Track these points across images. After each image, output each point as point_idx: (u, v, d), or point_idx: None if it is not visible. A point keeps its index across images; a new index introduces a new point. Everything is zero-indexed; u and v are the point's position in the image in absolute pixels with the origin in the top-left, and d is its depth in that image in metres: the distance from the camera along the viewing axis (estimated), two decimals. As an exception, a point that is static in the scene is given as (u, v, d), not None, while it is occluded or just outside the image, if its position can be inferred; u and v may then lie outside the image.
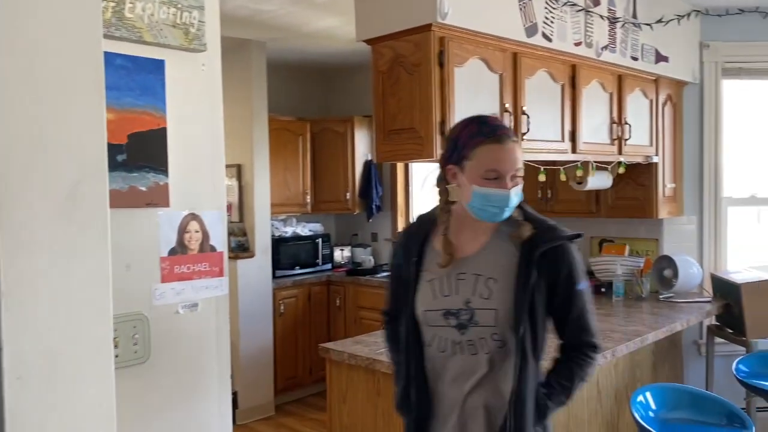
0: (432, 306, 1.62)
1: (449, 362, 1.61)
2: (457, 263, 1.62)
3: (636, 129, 3.47)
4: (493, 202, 1.57)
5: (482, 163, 1.56)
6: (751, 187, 4.25)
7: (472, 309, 1.58)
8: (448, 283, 1.62)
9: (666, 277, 3.79)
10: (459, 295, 1.60)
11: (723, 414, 2.47)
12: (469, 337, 1.58)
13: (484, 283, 1.59)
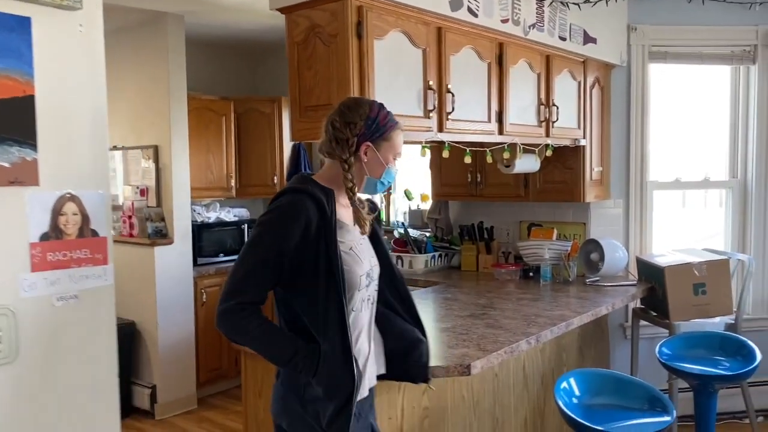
0: (361, 271, 1.79)
1: (361, 319, 1.82)
2: (354, 230, 1.83)
3: (564, 111, 3.42)
4: (390, 179, 1.86)
5: (395, 145, 1.82)
6: (676, 171, 4.30)
7: (372, 267, 1.85)
8: (360, 248, 1.83)
9: (593, 261, 3.78)
10: (366, 258, 1.84)
11: (645, 398, 2.44)
12: (370, 293, 1.86)
13: (368, 245, 1.89)
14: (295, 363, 1.69)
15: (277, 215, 1.70)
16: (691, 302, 3.52)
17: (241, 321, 1.67)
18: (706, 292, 3.52)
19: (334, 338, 1.68)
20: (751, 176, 4.12)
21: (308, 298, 1.71)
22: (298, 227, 1.67)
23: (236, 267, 1.70)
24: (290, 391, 1.77)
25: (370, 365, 1.86)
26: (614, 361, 4.04)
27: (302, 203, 1.69)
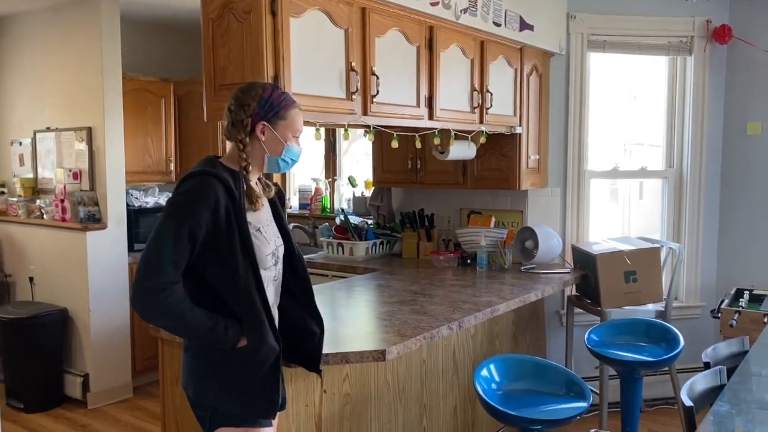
0: (268, 250, 1.87)
1: (268, 296, 1.87)
2: (261, 211, 1.90)
3: (499, 98, 3.40)
4: (294, 156, 1.92)
5: (294, 123, 1.88)
6: (613, 160, 4.34)
7: (278, 247, 1.93)
8: (267, 229, 1.90)
9: (527, 248, 3.79)
10: (272, 238, 1.92)
11: (563, 383, 2.45)
12: (277, 271, 1.94)
13: (274, 226, 1.96)
14: (219, 336, 1.78)
15: (186, 197, 1.74)
16: (623, 290, 3.56)
17: (159, 301, 1.71)
18: (637, 279, 3.57)
19: (258, 310, 1.79)
20: (686, 166, 4.19)
21: (228, 276, 1.78)
22: (207, 208, 1.72)
23: (148, 248, 1.73)
24: (203, 363, 1.87)
25: None
26: (550, 347, 4.08)
27: (210, 185, 1.75)
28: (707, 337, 3.94)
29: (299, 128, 1.90)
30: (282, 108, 1.85)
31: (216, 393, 1.86)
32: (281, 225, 2.00)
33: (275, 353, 1.84)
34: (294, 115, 1.87)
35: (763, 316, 3.39)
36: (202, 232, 1.72)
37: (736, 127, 4.14)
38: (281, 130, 1.86)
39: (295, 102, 1.89)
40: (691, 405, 1.92)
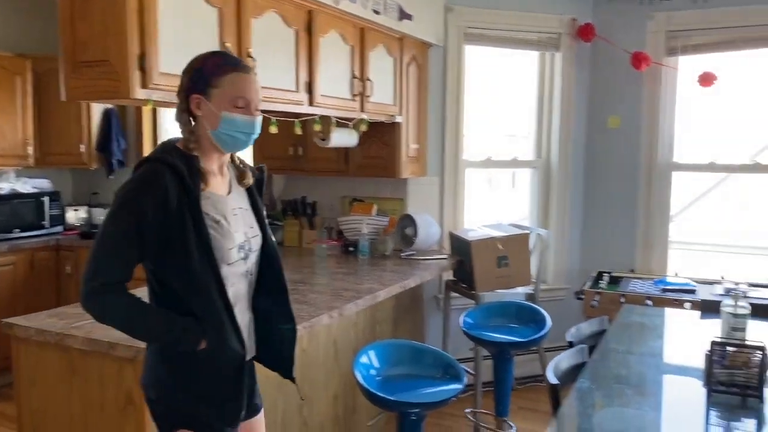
0: (231, 244, 1.70)
1: (238, 294, 1.75)
2: (226, 200, 1.73)
3: (379, 87, 3.42)
4: (242, 128, 1.66)
5: (231, 90, 1.64)
6: (488, 151, 4.50)
7: (250, 238, 1.76)
8: (231, 220, 1.72)
9: (407, 236, 3.86)
10: (240, 230, 1.74)
11: (440, 366, 2.51)
12: (249, 266, 1.77)
13: (249, 215, 1.80)
14: (176, 337, 1.65)
15: (132, 188, 1.61)
16: (495, 274, 3.72)
17: (109, 301, 1.61)
18: (508, 264, 3.73)
19: (218, 310, 1.66)
20: (553, 157, 4.43)
21: (183, 273, 1.63)
22: (154, 200, 1.58)
23: (96, 244, 1.61)
24: (163, 363, 1.72)
25: (248, 337, 1.83)
26: (429, 331, 4.18)
27: (158, 174, 1.60)
28: (573, 318, 4.19)
29: (241, 94, 1.64)
30: (214, 75, 1.63)
31: (177, 394, 1.72)
32: (259, 214, 1.84)
33: (238, 357, 1.71)
34: (231, 81, 1.63)
35: (620, 296, 3.67)
36: (150, 225, 1.57)
37: (599, 120, 4.44)
38: (216, 100, 1.63)
39: (238, 66, 1.67)
40: (556, 383, 2.03)
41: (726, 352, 2.09)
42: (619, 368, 2.37)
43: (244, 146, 1.71)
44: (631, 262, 4.40)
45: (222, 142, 1.67)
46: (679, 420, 1.95)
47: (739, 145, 4.28)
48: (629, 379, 2.27)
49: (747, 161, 4.17)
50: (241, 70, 1.66)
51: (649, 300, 3.56)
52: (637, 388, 2.19)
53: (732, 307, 2.31)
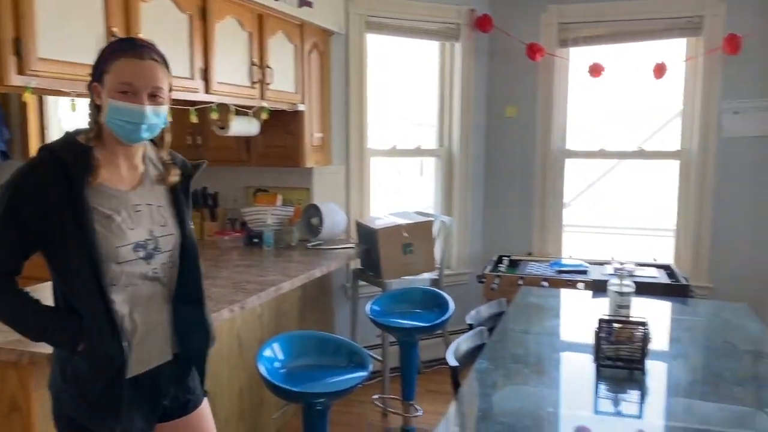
0: (123, 242, 1.60)
1: (135, 295, 1.65)
2: (128, 195, 1.64)
3: (280, 74, 3.36)
4: (128, 117, 1.57)
5: (118, 76, 1.56)
6: (393, 139, 4.54)
7: (157, 237, 1.67)
8: (129, 216, 1.63)
9: (313, 225, 3.84)
10: (142, 227, 1.65)
11: (345, 354, 2.52)
12: (154, 266, 1.67)
13: (157, 212, 1.69)
14: (48, 337, 1.61)
15: (12, 179, 1.55)
16: (401, 261, 3.77)
17: None
18: (413, 251, 3.79)
19: (95, 311, 1.57)
20: (455, 145, 4.53)
21: (63, 269, 1.58)
22: (32, 191, 1.53)
23: None
24: (56, 362, 1.67)
25: (152, 341, 1.71)
26: (337, 320, 4.19)
27: (41, 164, 1.55)
28: (475, 301, 4.30)
29: (126, 80, 1.55)
30: (107, 61, 1.56)
31: (63, 395, 1.65)
32: (180, 212, 1.74)
33: (114, 364, 1.59)
34: (119, 67, 1.55)
35: (518, 278, 3.82)
36: (27, 217, 1.52)
37: (497, 109, 4.58)
38: (108, 86, 1.56)
39: (129, 51, 1.57)
40: (456, 365, 2.09)
41: (612, 329, 2.22)
42: (516, 348, 2.48)
43: (135, 136, 1.60)
44: (529, 246, 4.58)
45: (115, 132, 1.59)
46: (572, 394, 2.06)
47: (627, 133, 4.55)
48: (526, 357, 2.37)
49: (634, 148, 4.42)
50: (132, 54, 1.56)
51: (545, 281, 3.72)
52: (534, 366, 2.29)
53: (618, 286, 2.46)
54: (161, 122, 1.65)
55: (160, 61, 1.62)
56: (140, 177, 1.70)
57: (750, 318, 2.77)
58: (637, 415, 1.94)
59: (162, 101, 1.62)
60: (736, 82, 4.02)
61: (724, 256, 4.15)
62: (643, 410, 1.96)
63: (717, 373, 2.18)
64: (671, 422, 1.87)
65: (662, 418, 1.91)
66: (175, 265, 1.73)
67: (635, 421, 1.89)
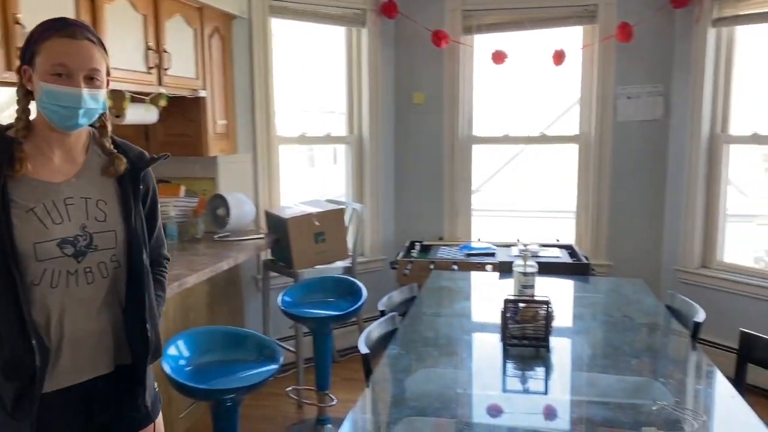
0: (44, 237, 1.47)
1: (64, 296, 1.51)
2: (59, 187, 1.52)
3: (179, 59, 3.21)
4: (62, 101, 1.45)
5: (50, 57, 1.45)
6: (303, 126, 4.46)
7: (91, 233, 1.53)
8: (57, 209, 1.50)
9: (220, 216, 3.72)
10: (72, 221, 1.52)
11: (254, 348, 2.46)
12: (87, 265, 1.53)
13: (96, 206, 1.56)
14: None
15: None
16: (313, 250, 3.72)
17: None
18: (325, 240, 3.75)
19: (6, 312, 1.45)
20: (365, 132, 4.51)
21: None
22: None
23: None
24: None
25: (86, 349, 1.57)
26: (249, 313, 4.09)
27: None
28: (390, 287, 4.29)
29: (59, 61, 1.44)
30: (38, 41, 1.45)
31: None
32: (126, 208, 1.59)
33: (25, 371, 1.46)
34: (51, 47, 1.44)
35: (429, 263, 3.86)
36: None
37: (405, 96, 4.59)
38: (39, 69, 1.45)
39: (62, 30, 1.45)
40: (367, 352, 2.07)
41: (517, 308, 2.28)
42: (427, 331, 2.49)
43: (72, 122, 1.48)
44: (440, 231, 4.64)
45: (49, 118, 1.48)
46: (481, 374, 2.10)
47: (531, 118, 4.69)
48: (437, 340, 2.39)
49: (537, 134, 4.56)
50: (65, 34, 1.45)
51: (455, 265, 3.78)
52: (444, 348, 2.31)
53: (522, 267, 2.53)
54: (100, 107, 1.53)
55: (95, 41, 1.51)
56: (80, 168, 1.57)
57: (645, 293, 2.92)
58: (543, 392, 2.00)
59: (100, 84, 1.51)
60: (628, 69, 4.21)
61: (621, 234, 4.37)
62: (549, 386, 2.02)
63: (616, 347, 2.28)
64: (574, 396, 1.94)
65: (566, 393, 1.97)
66: (121, 266, 1.59)
67: (541, 397, 1.94)
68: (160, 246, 1.79)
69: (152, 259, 1.71)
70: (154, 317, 1.66)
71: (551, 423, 1.75)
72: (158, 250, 1.78)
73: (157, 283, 1.75)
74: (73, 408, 1.58)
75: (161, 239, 1.79)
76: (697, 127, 4.05)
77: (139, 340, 1.62)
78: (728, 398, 1.81)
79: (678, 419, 1.66)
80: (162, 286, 1.79)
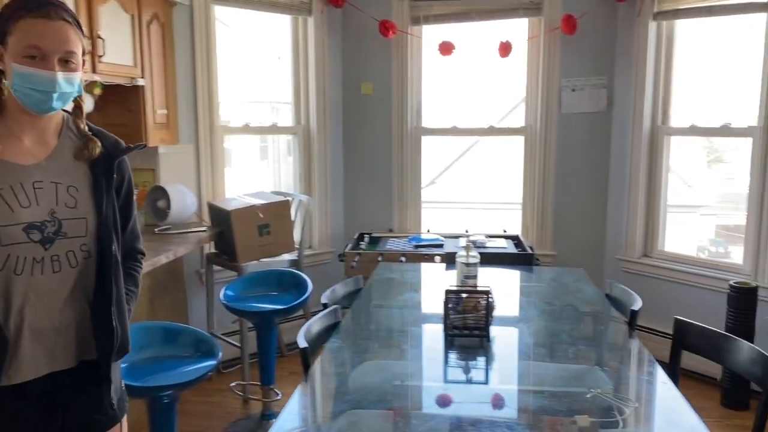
0: (10, 220, 1.40)
1: (28, 284, 1.44)
2: (28, 170, 1.45)
3: (114, 46, 3.09)
4: (36, 84, 1.40)
5: (24, 38, 1.39)
6: (249, 116, 4.38)
7: (59, 220, 1.46)
8: (25, 192, 1.43)
9: (160, 209, 3.61)
10: (41, 205, 1.45)
11: (192, 343, 2.39)
12: (55, 252, 1.46)
13: (66, 191, 1.48)
14: None
15: None
16: (257, 243, 3.65)
17: None
18: (270, 232, 3.68)
19: None
20: (312, 123, 4.45)
21: None
22: None
23: None
24: None
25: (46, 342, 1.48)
26: (193, 308, 3.99)
27: None
28: (339, 280, 4.29)
29: (33, 42, 1.38)
30: (10, 20, 1.39)
31: None
32: (98, 195, 1.51)
33: None
34: (24, 27, 1.37)
35: (377, 255, 3.84)
36: None
37: (353, 86, 4.54)
38: (12, 49, 1.39)
39: (36, 9, 1.38)
40: (305, 346, 2.03)
41: (459, 299, 2.27)
42: (369, 324, 2.47)
43: (46, 106, 1.42)
44: (390, 223, 4.63)
45: (22, 101, 1.42)
46: (423, 365, 2.08)
47: (481, 110, 4.71)
48: (378, 332, 2.37)
49: (485, 126, 4.58)
50: (40, 14, 1.38)
51: (403, 257, 3.77)
52: (386, 340, 2.30)
53: (464, 258, 2.52)
54: (75, 91, 1.47)
55: (72, 21, 1.44)
56: (51, 151, 1.49)
57: (586, 282, 2.96)
58: (484, 381, 2.00)
59: (75, 67, 1.45)
60: (573, 61, 4.27)
61: (565, 225, 4.43)
62: (490, 376, 2.03)
63: (555, 335, 2.30)
64: (514, 385, 1.94)
65: (506, 382, 1.98)
66: (91, 256, 1.51)
67: (482, 387, 1.94)
68: (135, 239, 1.71)
69: (126, 252, 1.64)
70: (122, 312, 1.58)
71: (496, 412, 1.74)
72: (132, 243, 1.70)
73: (129, 277, 1.68)
74: (32, 407, 1.49)
75: (136, 232, 1.71)
76: (638, 118, 4.13)
77: (105, 335, 1.53)
78: (660, 384, 1.84)
79: (611, 406, 1.68)
80: (134, 281, 1.70)
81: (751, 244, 3.67)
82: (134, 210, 1.69)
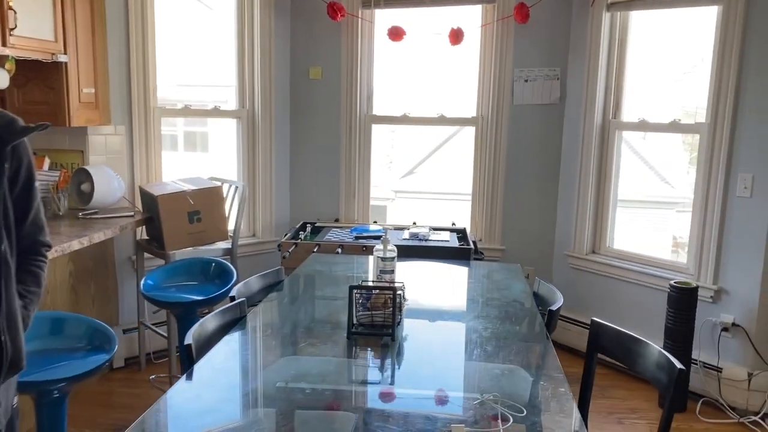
0: None
1: None
2: None
3: (30, 18, 2.92)
4: None
5: None
6: (186, 98, 4.21)
7: None
8: None
9: (84, 192, 3.45)
10: None
11: (86, 334, 2.26)
12: None
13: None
14: None
15: None
16: (187, 230, 3.51)
17: None
18: (201, 219, 3.55)
19: None
20: (257, 107, 4.30)
21: None
22: None
23: None
24: None
25: None
26: (124, 296, 3.85)
27: None
28: (279, 270, 4.19)
29: None
30: None
31: None
32: None
33: None
34: None
35: (315, 246, 3.71)
36: None
37: (301, 70, 4.40)
38: None
39: None
40: (189, 343, 1.90)
41: (370, 295, 2.15)
42: (274, 319, 2.35)
43: None
44: (337, 212, 4.50)
45: None
46: (327, 364, 1.96)
47: (432, 99, 4.58)
48: (281, 329, 2.25)
49: (435, 115, 4.45)
50: None
51: (340, 248, 3.65)
52: (288, 338, 2.17)
53: (381, 252, 2.40)
54: None
55: None
56: None
57: (518, 278, 2.86)
58: (377, 382, 1.88)
59: None
60: (526, 51, 4.15)
61: (515, 219, 4.33)
62: (384, 378, 1.91)
63: (468, 334, 2.19)
64: (406, 389, 1.83)
65: (401, 385, 1.86)
66: None
67: (386, 388, 1.82)
68: (38, 231, 1.56)
69: (26, 246, 1.50)
70: (13, 323, 1.41)
71: (369, 417, 1.63)
72: (35, 236, 1.54)
73: (29, 275, 1.52)
74: None
75: (39, 223, 1.56)
76: (590, 112, 4.03)
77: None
78: (558, 391, 1.74)
79: (496, 414, 1.57)
80: (36, 280, 1.54)
81: (694, 244, 3.59)
82: (36, 199, 1.54)
